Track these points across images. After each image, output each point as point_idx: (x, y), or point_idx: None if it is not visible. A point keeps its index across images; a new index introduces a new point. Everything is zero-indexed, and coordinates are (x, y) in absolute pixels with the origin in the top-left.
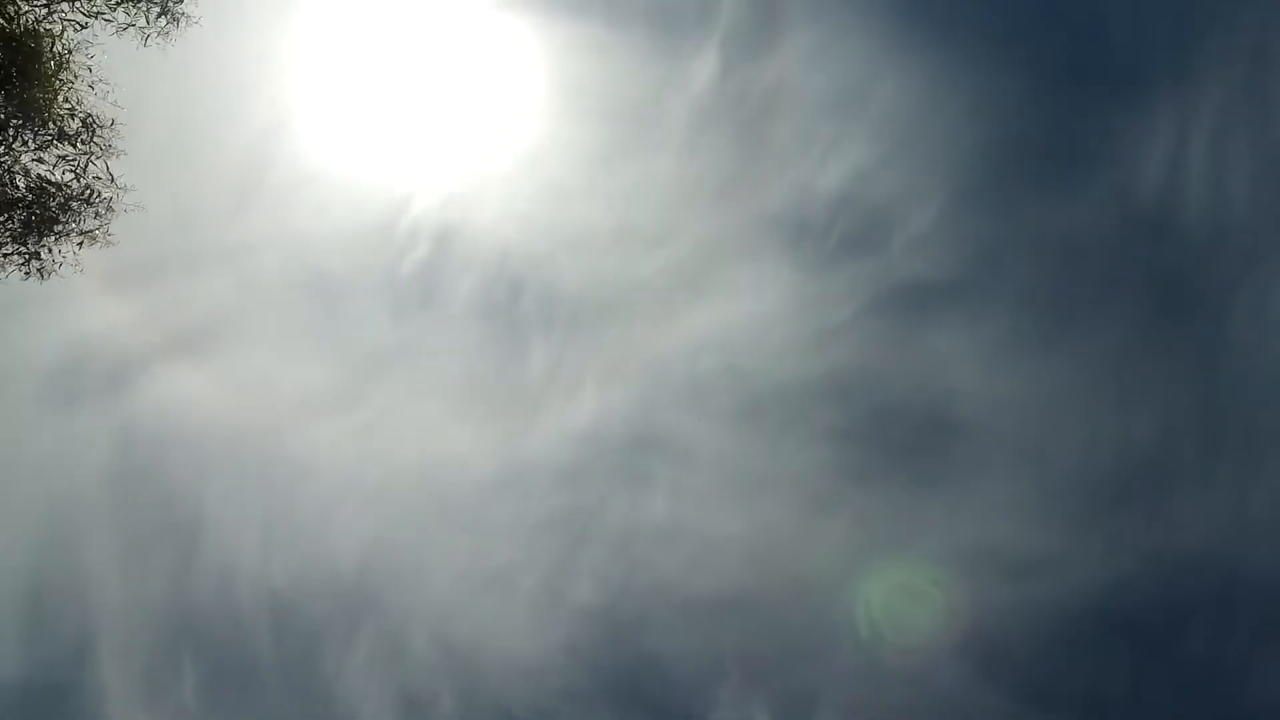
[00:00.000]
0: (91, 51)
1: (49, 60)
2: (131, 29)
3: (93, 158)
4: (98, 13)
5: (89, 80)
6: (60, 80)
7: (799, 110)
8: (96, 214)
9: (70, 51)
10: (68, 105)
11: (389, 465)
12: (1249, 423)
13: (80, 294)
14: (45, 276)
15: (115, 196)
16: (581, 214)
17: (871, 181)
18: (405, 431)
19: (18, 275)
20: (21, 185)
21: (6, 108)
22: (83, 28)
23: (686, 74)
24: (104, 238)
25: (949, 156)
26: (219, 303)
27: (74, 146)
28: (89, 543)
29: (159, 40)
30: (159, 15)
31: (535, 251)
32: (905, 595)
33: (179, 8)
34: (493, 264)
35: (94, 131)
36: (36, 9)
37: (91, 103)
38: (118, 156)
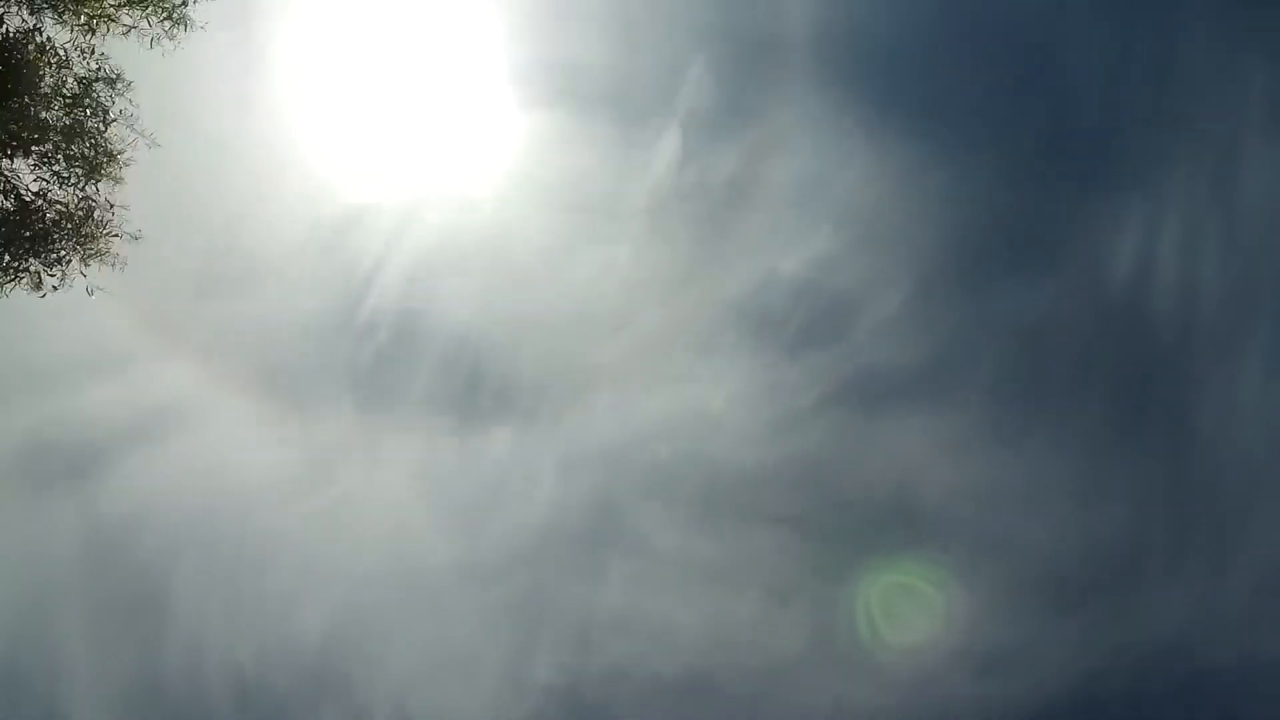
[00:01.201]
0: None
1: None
2: (135, 32)
3: (93, 181)
4: (104, 15)
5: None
6: (81, 105)
7: (762, 196)
8: (94, 235)
9: (97, 77)
10: (91, 133)
11: (352, 548)
12: (1217, 515)
13: (50, 378)
14: (45, 294)
15: (113, 220)
16: (541, 300)
17: (835, 269)
18: (368, 516)
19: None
20: (14, 201)
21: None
22: (91, 31)
23: (648, 160)
24: (104, 258)
25: (914, 244)
26: (186, 387)
27: (83, 172)
28: (58, 624)
29: (165, 44)
30: (165, 19)
31: (494, 338)
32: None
33: (185, 11)
34: (452, 350)
35: (107, 160)
36: (32, 16)
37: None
38: (121, 183)
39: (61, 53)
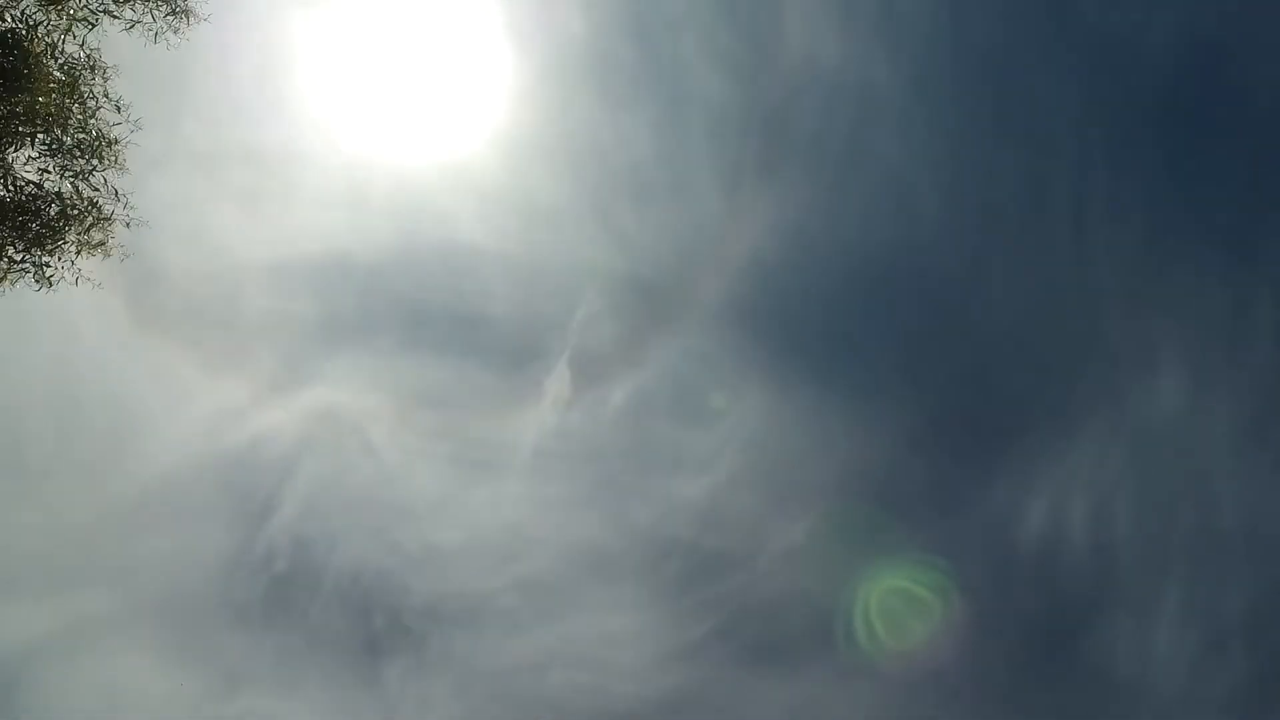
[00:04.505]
0: (108, 74)
1: (58, 70)
2: (138, 26)
3: (95, 171)
4: (105, 10)
5: (101, 94)
6: (73, 93)
7: (654, 428)
8: (97, 225)
9: (89, 64)
10: (79, 119)
11: None
12: None
13: None
14: (50, 286)
15: (116, 209)
16: (433, 532)
17: (731, 501)
18: None
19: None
20: (23, 194)
21: (7, 114)
22: (93, 25)
23: (538, 393)
24: (107, 249)
25: (815, 482)
26: (96, 614)
27: (80, 160)
28: None
29: (169, 37)
30: (169, 13)
31: (386, 568)
32: None
33: (188, 3)
34: (345, 580)
35: (102, 146)
36: (41, 10)
37: (101, 118)
38: (122, 170)
39: (53, 41)
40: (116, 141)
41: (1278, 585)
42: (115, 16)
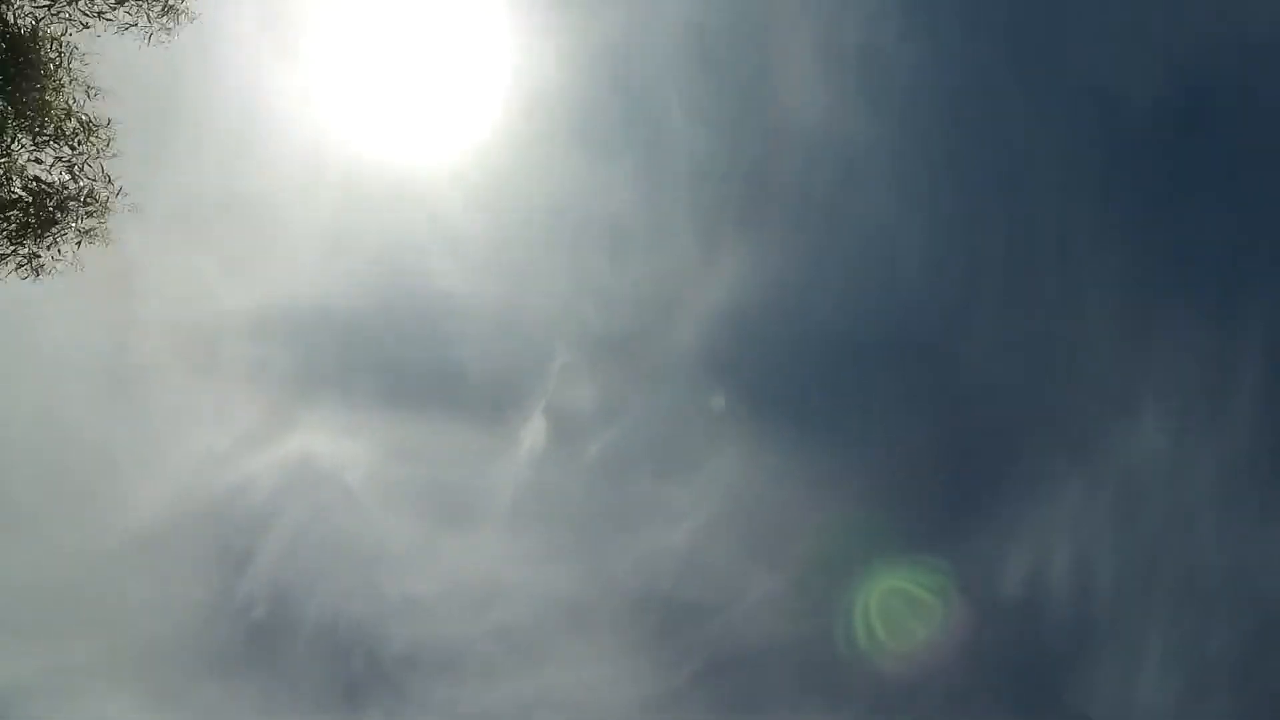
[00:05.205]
0: (86, 57)
1: (48, 62)
2: (133, 28)
3: (89, 159)
4: (99, 12)
5: (86, 82)
6: (58, 82)
7: (631, 479)
8: (93, 213)
9: (71, 50)
10: (64, 108)
11: None
12: None
13: None
14: (39, 275)
15: (111, 196)
16: (411, 580)
17: (708, 551)
18: None
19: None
20: (19, 187)
21: (5, 108)
22: (86, 27)
23: (515, 442)
24: (103, 237)
25: (792, 533)
26: (78, 657)
27: (71, 149)
28: None
29: (161, 37)
30: (161, 13)
31: (364, 615)
32: None
33: (180, 3)
34: (324, 627)
35: (91, 132)
36: (38, 9)
37: (88, 104)
38: (114, 156)
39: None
40: (106, 124)
41: (1260, 631)
42: (109, 19)
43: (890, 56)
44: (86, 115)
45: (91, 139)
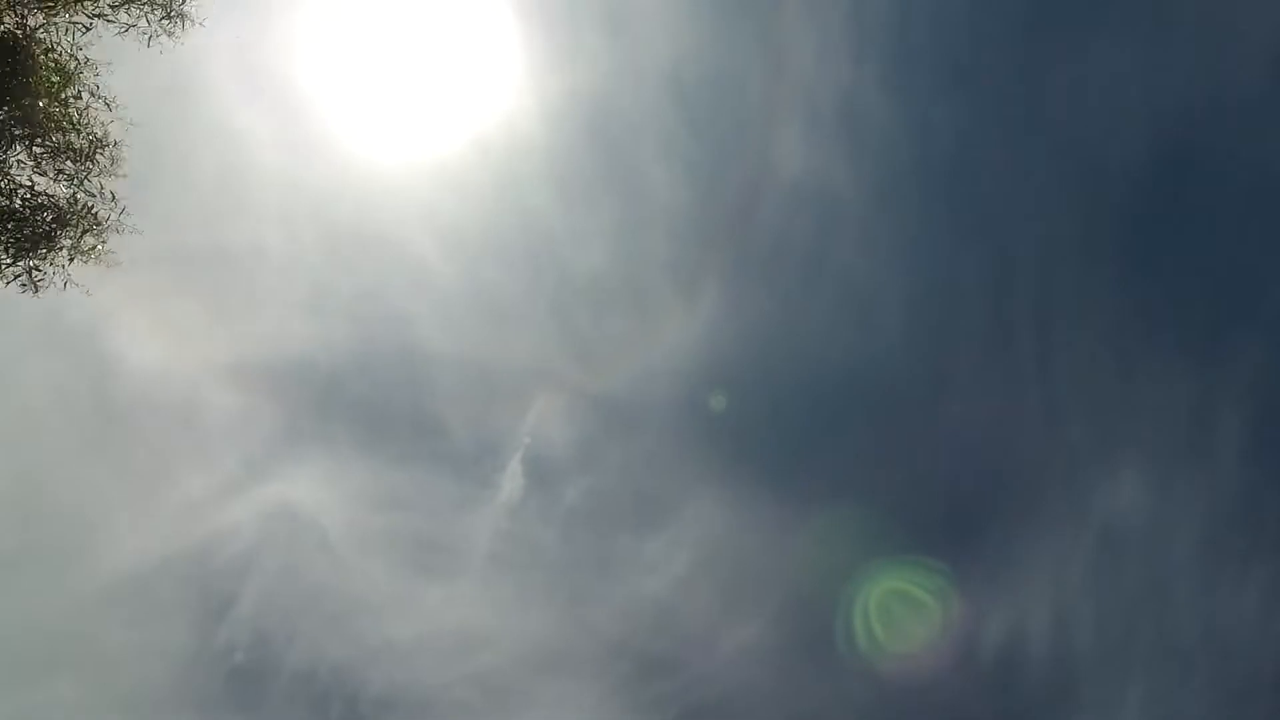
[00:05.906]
0: (99, 70)
1: (52, 72)
2: (134, 30)
3: (91, 175)
4: (100, 14)
5: (97, 95)
6: (67, 95)
7: (607, 528)
8: (92, 231)
9: (81, 63)
10: (71, 122)
11: None
12: None
13: None
14: (38, 290)
15: (112, 215)
16: (389, 627)
17: (684, 600)
18: None
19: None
20: (18, 200)
21: (5, 119)
22: (87, 29)
23: (493, 492)
24: (100, 256)
25: (769, 583)
26: (61, 703)
27: (74, 163)
28: None
29: (163, 40)
30: (163, 17)
31: (343, 661)
32: None
33: (183, 7)
34: (303, 672)
35: (98, 149)
36: (38, 14)
37: (98, 120)
38: (119, 176)
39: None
40: (115, 143)
41: (1238, 690)
42: (110, 20)
43: (870, 110)
44: (93, 132)
45: (98, 155)
